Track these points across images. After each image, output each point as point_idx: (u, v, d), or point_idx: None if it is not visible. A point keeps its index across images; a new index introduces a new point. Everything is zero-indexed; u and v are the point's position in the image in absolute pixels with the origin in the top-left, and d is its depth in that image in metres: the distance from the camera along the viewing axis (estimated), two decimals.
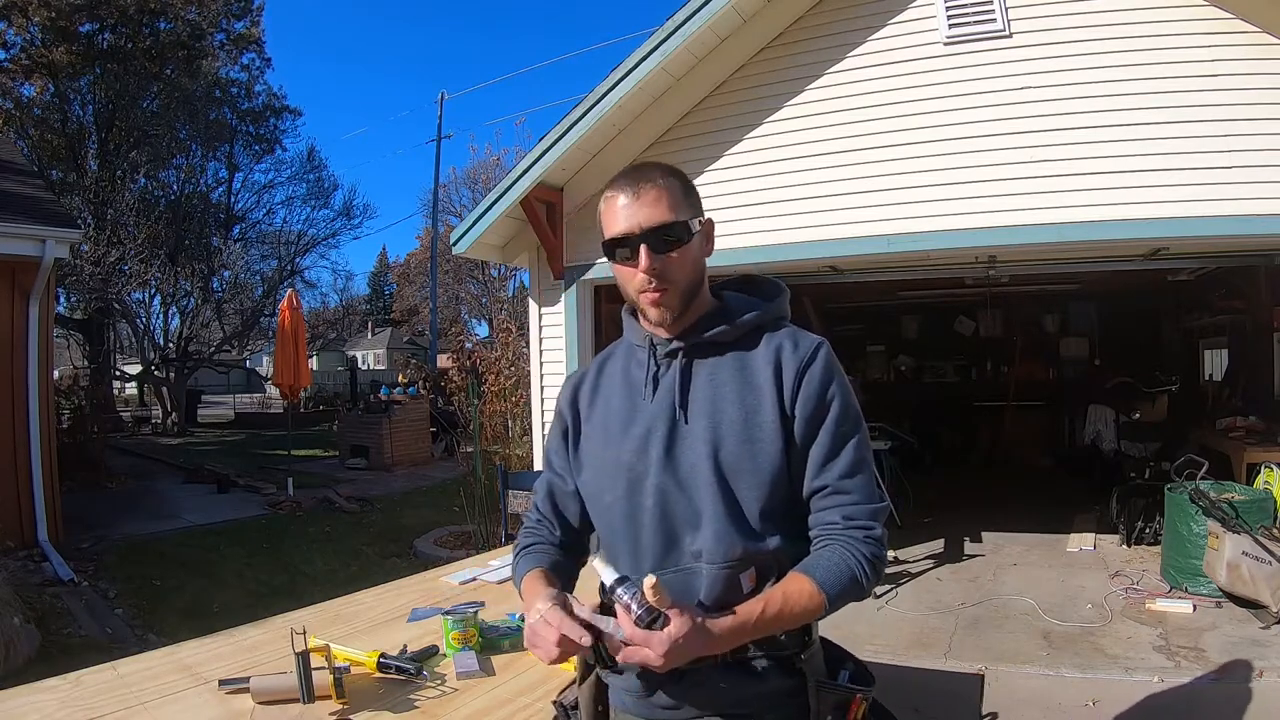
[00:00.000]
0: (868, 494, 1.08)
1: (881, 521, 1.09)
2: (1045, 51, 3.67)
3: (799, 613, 1.01)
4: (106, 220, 13.10)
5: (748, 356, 1.13)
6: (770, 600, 1.01)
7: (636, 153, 4.62)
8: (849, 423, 1.09)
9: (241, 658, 1.75)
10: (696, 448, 1.08)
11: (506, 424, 6.57)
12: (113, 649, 3.81)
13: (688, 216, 1.11)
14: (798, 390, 1.08)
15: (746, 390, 1.10)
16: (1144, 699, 3.14)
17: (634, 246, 1.08)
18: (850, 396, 1.11)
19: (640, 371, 1.17)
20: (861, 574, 1.03)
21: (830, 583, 1.02)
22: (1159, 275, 6.43)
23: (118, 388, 21.45)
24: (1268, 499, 4.25)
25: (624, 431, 1.14)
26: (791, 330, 1.16)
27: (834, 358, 1.12)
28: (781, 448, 1.07)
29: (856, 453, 1.08)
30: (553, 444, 1.29)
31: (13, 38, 14.51)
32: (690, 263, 1.12)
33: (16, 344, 5.75)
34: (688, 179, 1.17)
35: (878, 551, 1.06)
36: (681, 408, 1.11)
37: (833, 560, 1.04)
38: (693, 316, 1.14)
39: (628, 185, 1.11)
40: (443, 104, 19.93)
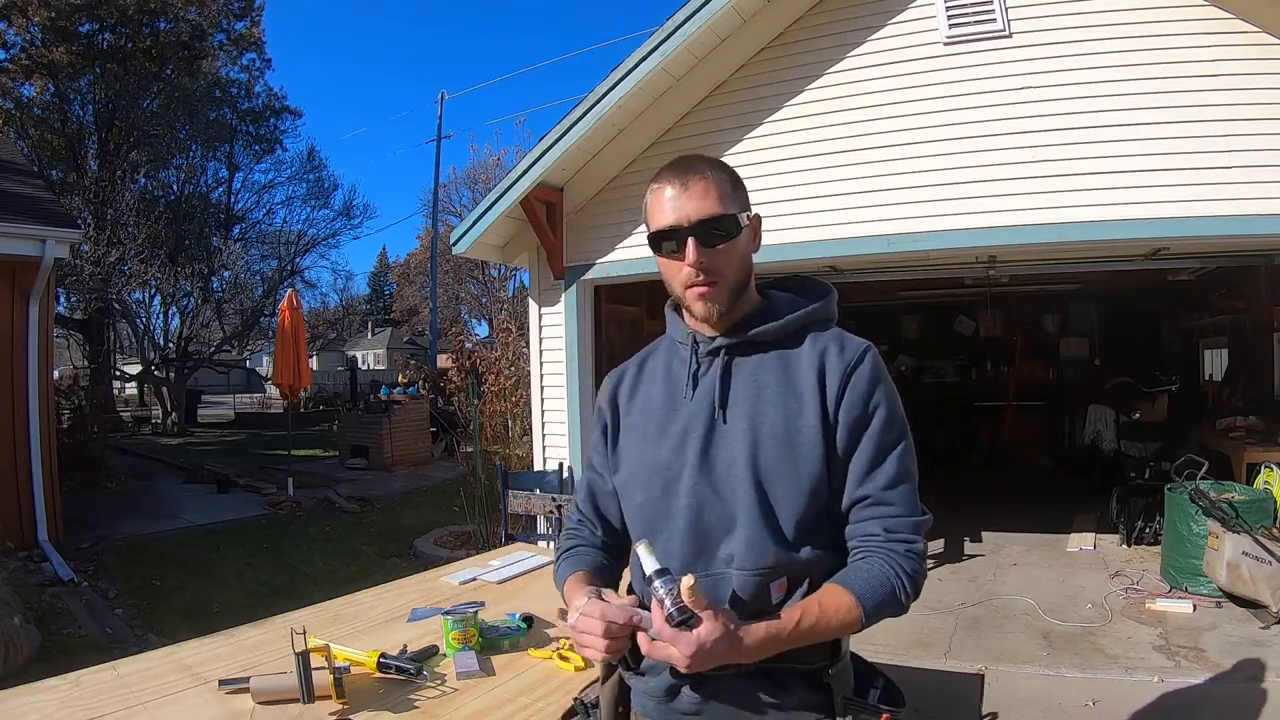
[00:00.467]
0: (911, 506, 1.05)
1: (923, 535, 1.05)
2: (1045, 51, 3.67)
3: (835, 626, 0.99)
4: (106, 220, 13.10)
5: (792, 358, 1.09)
6: (806, 611, 0.98)
7: (637, 153, 4.62)
8: (894, 431, 1.05)
9: (241, 658, 1.75)
10: (734, 449, 1.05)
11: (506, 424, 6.57)
12: (113, 649, 3.81)
13: (736, 210, 1.08)
14: (842, 396, 1.04)
15: (789, 393, 1.06)
16: (1144, 699, 3.14)
17: (681, 239, 1.06)
18: (896, 404, 1.07)
19: (681, 369, 1.14)
20: (901, 589, 1.00)
21: (869, 597, 0.99)
22: (1159, 275, 6.42)
23: (118, 388, 21.45)
24: (1268, 499, 4.25)
25: (661, 430, 1.12)
26: (838, 333, 1.12)
27: (881, 362, 1.09)
28: (822, 454, 1.03)
29: (900, 463, 1.05)
30: (593, 442, 1.26)
31: (13, 38, 14.52)
32: (738, 258, 1.09)
33: (16, 344, 5.75)
34: (736, 173, 1.14)
35: (918, 566, 1.03)
36: (721, 407, 1.08)
37: (872, 573, 1.01)
38: (738, 314, 1.12)
39: (675, 177, 1.09)
40: (443, 104, 19.94)
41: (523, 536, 4.43)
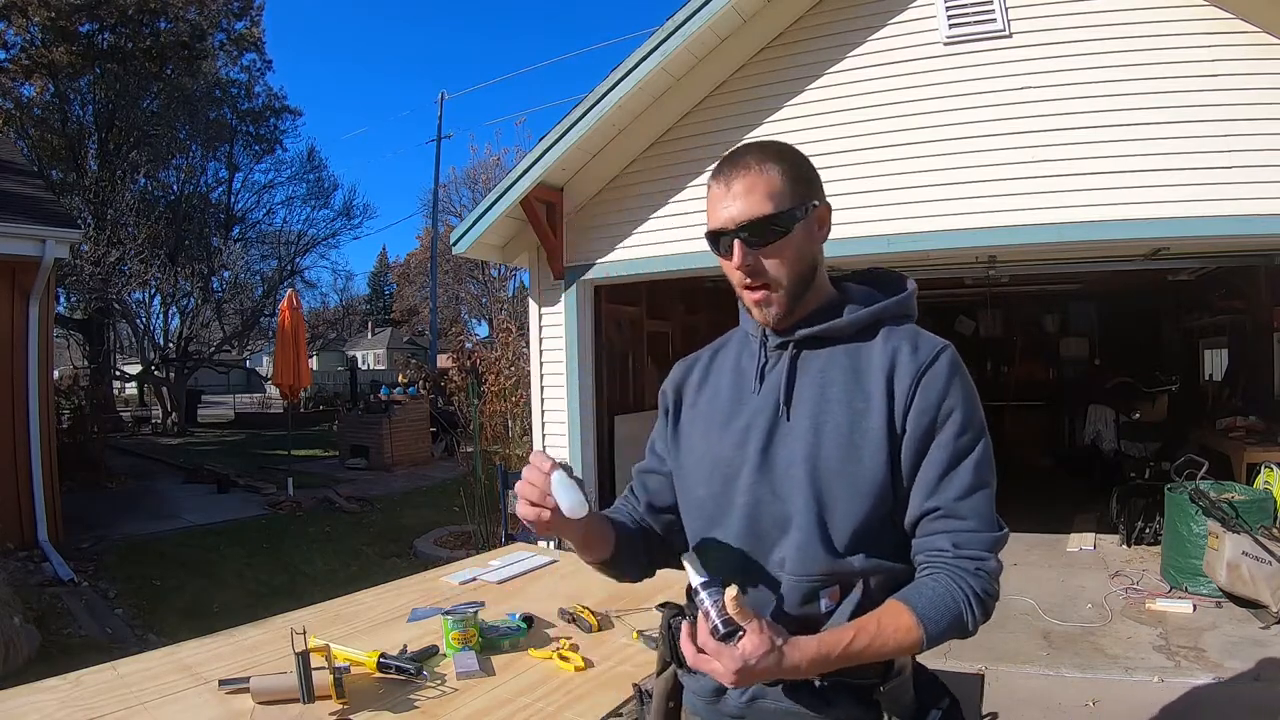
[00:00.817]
0: (984, 520, 0.97)
1: (997, 552, 0.98)
2: (1045, 51, 3.67)
3: (892, 648, 0.93)
4: (106, 220, 13.10)
5: (863, 355, 1.03)
6: (862, 630, 0.93)
7: (637, 153, 4.62)
8: (968, 438, 0.98)
9: (241, 658, 1.75)
10: (795, 449, 1.00)
11: (506, 424, 6.57)
12: (113, 649, 3.81)
13: (789, 205, 1.00)
14: (912, 399, 0.98)
15: (856, 392, 1.00)
16: (1144, 699, 3.14)
17: (727, 242, 1.02)
18: (973, 410, 0.99)
19: (750, 363, 1.10)
20: (968, 611, 0.94)
21: (932, 619, 0.93)
22: (1159, 275, 6.43)
23: (118, 388, 21.45)
24: (1268, 499, 4.25)
25: (725, 425, 1.08)
26: (913, 330, 1.05)
27: (959, 364, 1.01)
28: (885, 460, 0.97)
29: (975, 474, 0.97)
30: (655, 427, 1.23)
31: (13, 38, 14.51)
32: (793, 257, 1.02)
33: (16, 344, 5.75)
34: (795, 160, 1.04)
35: (989, 586, 0.96)
36: (785, 404, 1.03)
37: (938, 593, 0.94)
38: (807, 308, 1.06)
39: (721, 174, 1.04)
40: (443, 104, 19.93)
41: (523, 536, 4.43)
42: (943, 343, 1.02)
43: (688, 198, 4.45)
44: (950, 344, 1.03)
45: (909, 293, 1.10)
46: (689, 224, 4.43)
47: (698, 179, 4.43)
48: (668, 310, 6.55)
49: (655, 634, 1.91)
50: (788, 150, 1.06)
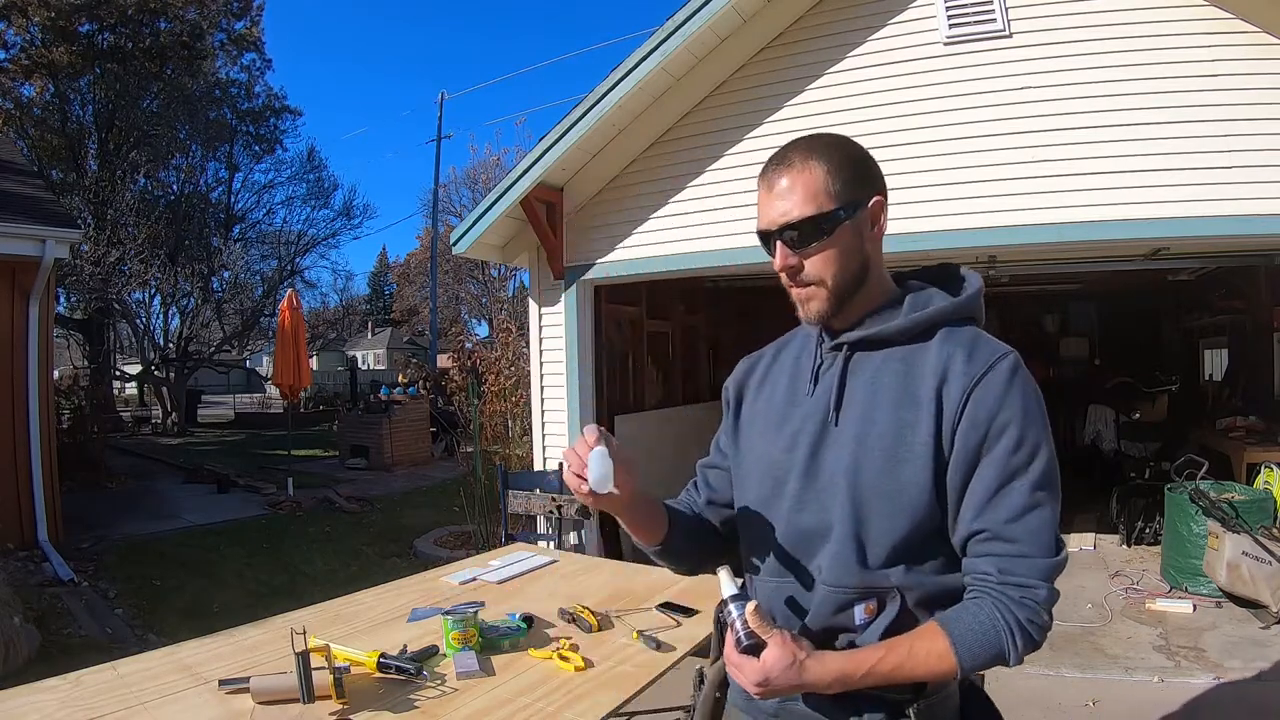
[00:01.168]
0: (1037, 544, 0.90)
1: (1051, 580, 0.91)
2: (1045, 51, 3.67)
3: (922, 673, 0.90)
4: (106, 220, 13.10)
5: (917, 361, 0.98)
6: (892, 651, 0.90)
7: (637, 153, 4.62)
8: (1022, 455, 0.91)
9: (241, 658, 1.75)
10: (840, 456, 0.97)
11: (506, 424, 6.57)
12: (113, 649, 3.81)
13: (834, 204, 0.96)
14: (962, 412, 0.92)
15: (905, 401, 0.95)
16: (1144, 699, 3.14)
17: (770, 243, 1.00)
18: (1032, 424, 0.92)
19: (808, 363, 1.07)
20: (1009, 642, 0.88)
21: (967, 648, 0.88)
22: (1159, 275, 6.43)
23: (118, 388, 21.45)
24: (1268, 499, 4.25)
25: (778, 427, 1.06)
26: (973, 335, 0.99)
27: (1021, 374, 0.94)
28: (930, 477, 0.92)
29: (1030, 494, 0.90)
30: (723, 425, 1.22)
31: (13, 38, 14.51)
32: (839, 257, 0.98)
33: (16, 344, 5.75)
34: (846, 154, 1.00)
35: (1036, 617, 0.89)
36: (835, 409, 1.00)
37: (978, 620, 0.89)
38: (859, 310, 1.02)
39: (766, 171, 1.01)
40: (443, 104, 19.94)
41: (523, 536, 4.43)
42: (1003, 349, 0.95)
43: (688, 198, 4.45)
44: (1013, 351, 0.95)
45: (971, 293, 1.04)
46: (689, 224, 4.43)
47: (698, 179, 4.43)
48: (668, 310, 6.55)
49: (655, 634, 1.91)
50: (838, 144, 1.01)
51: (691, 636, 1.95)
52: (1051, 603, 0.91)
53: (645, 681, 1.68)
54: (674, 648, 1.86)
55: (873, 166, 1.03)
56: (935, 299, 1.03)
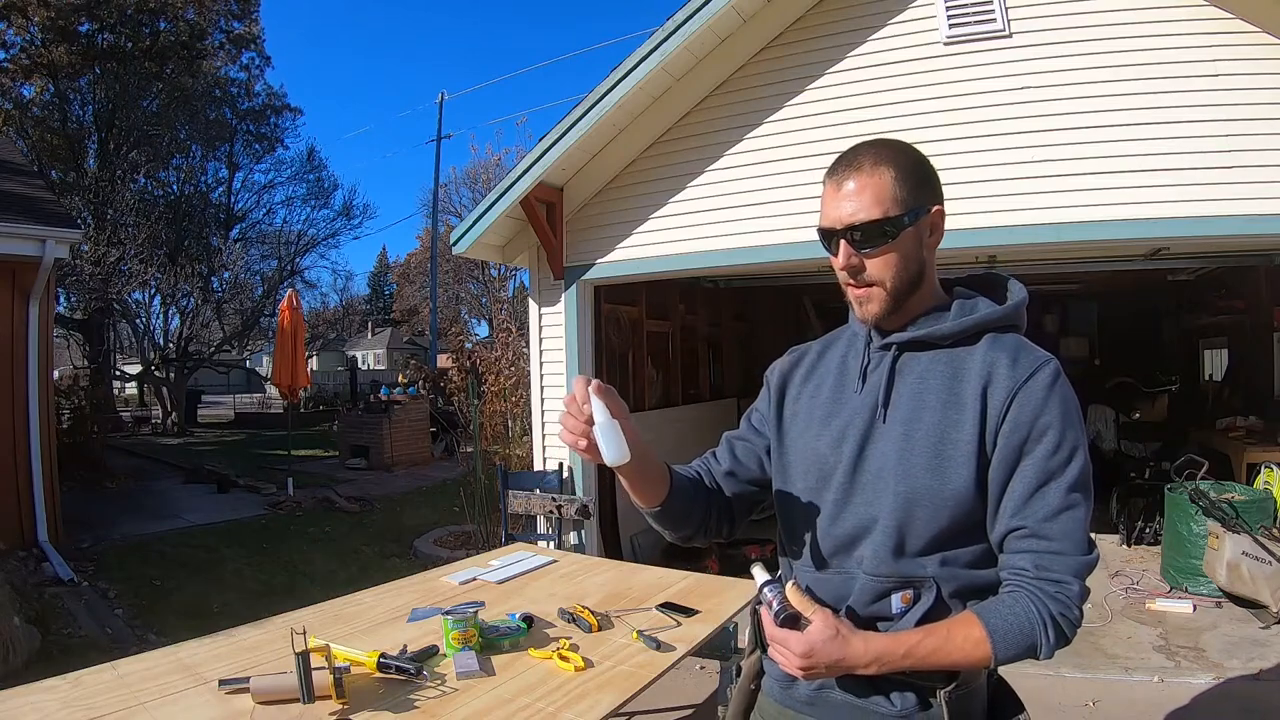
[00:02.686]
0: (1071, 543, 0.94)
1: (1083, 577, 0.95)
2: (1045, 51, 3.67)
3: (958, 658, 0.94)
4: (106, 220, 13.10)
5: (962, 363, 1.02)
6: (931, 635, 0.94)
7: (637, 153, 4.62)
8: (1061, 458, 0.95)
9: (241, 658, 1.75)
10: (887, 453, 1.01)
11: (506, 424, 6.58)
12: (113, 649, 3.81)
13: (900, 210, 1.00)
14: (1005, 414, 0.96)
15: (951, 402, 1.00)
16: (1144, 699, 3.14)
17: (834, 241, 1.03)
18: (1071, 428, 0.97)
19: (855, 362, 1.12)
20: (1042, 636, 0.92)
21: (1002, 638, 0.92)
22: (1159, 275, 6.43)
23: (118, 388, 21.45)
24: (1268, 499, 4.25)
25: (825, 422, 1.10)
26: (1017, 341, 1.03)
27: (1061, 380, 0.98)
28: (973, 473, 0.97)
29: (1066, 495, 0.95)
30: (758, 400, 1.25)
31: (12, 38, 14.51)
32: (899, 261, 1.02)
33: (16, 344, 5.75)
34: (912, 160, 1.04)
35: (1069, 612, 0.93)
36: (883, 406, 1.04)
37: (1014, 613, 0.93)
38: (912, 312, 1.07)
39: (836, 172, 1.04)
40: (443, 104, 19.91)
41: (523, 536, 4.43)
42: (1045, 356, 1.00)
43: (688, 198, 4.45)
44: (1054, 359, 1.00)
45: (1017, 302, 1.08)
46: (689, 224, 4.42)
47: (698, 179, 4.43)
48: (668, 310, 6.55)
49: (655, 634, 1.91)
50: (905, 151, 1.05)
51: (691, 636, 1.95)
52: (1083, 599, 0.95)
53: (645, 681, 1.68)
54: (674, 648, 1.86)
55: (935, 176, 1.08)
56: (981, 306, 1.07)
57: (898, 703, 1.00)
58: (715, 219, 4.33)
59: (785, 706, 1.11)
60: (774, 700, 1.14)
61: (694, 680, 3.27)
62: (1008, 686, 1.11)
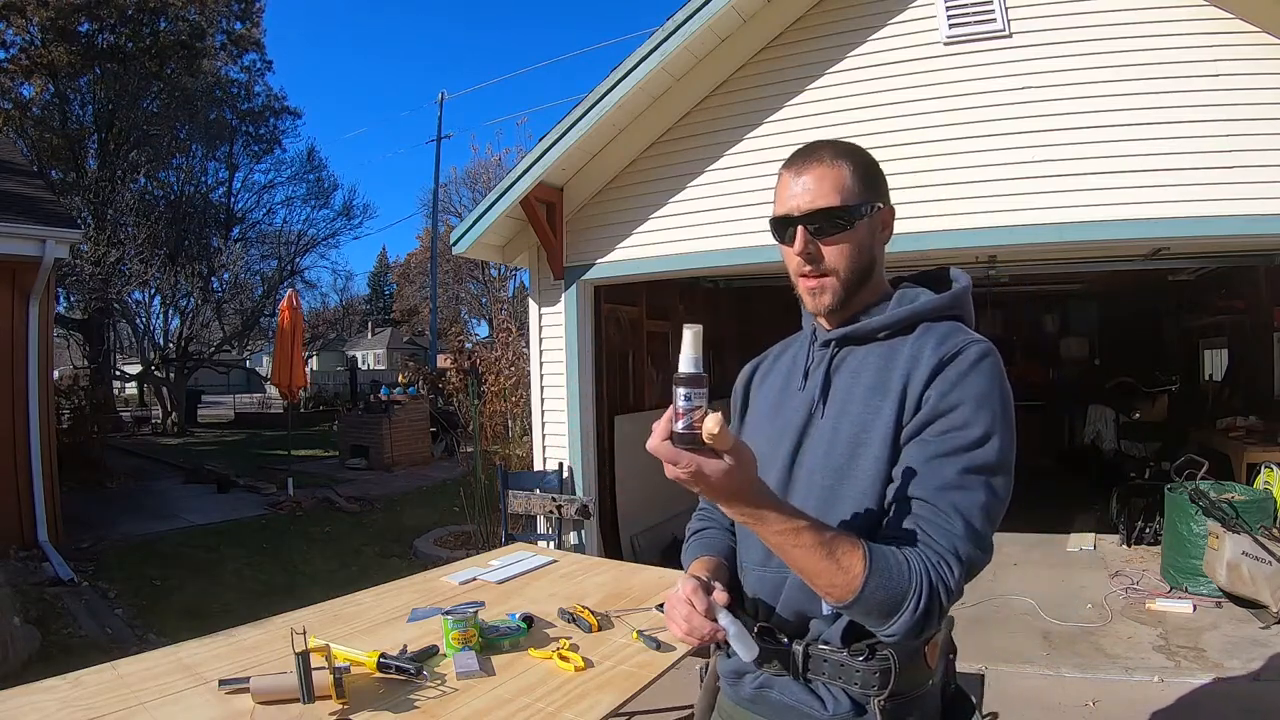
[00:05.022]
0: (961, 523, 0.88)
1: (962, 561, 0.88)
2: (1045, 51, 3.66)
3: (820, 572, 0.86)
4: (106, 220, 13.10)
5: (894, 353, 1.01)
6: (819, 530, 0.86)
7: (637, 152, 4.62)
8: (968, 435, 0.90)
9: (241, 658, 1.75)
10: (819, 448, 1.01)
11: (506, 424, 6.58)
12: (113, 649, 3.81)
13: (856, 201, 1.02)
14: (923, 394, 0.94)
15: (876, 392, 0.99)
16: (1144, 699, 3.14)
17: (793, 228, 1.03)
18: (984, 409, 0.92)
19: (802, 361, 1.12)
20: (911, 600, 0.85)
21: (877, 579, 0.85)
22: (1159, 275, 6.43)
23: (118, 388, 21.45)
24: (1268, 499, 4.25)
25: (770, 421, 1.11)
26: (950, 327, 1.01)
27: (988, 363, 0.95)
28: (885, 463, 0.95)
29: (963, 475, 0.90)
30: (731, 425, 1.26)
31: (12, 38, 14.51)
32: (853, 251, 1.03)
33: (16, 344, 5.75)
34: (866, 160, 1.07)
35: (942, 590, 0.86)
36: (821, 402, 1.04)
37: (898, 561, 0.86)
38: (856, 308, 1.07)
39: (794, 164, 1.06)
40: (443, 104, 19.92)
41: (523, 536, 4.43)
42: (974, 339, 0.98)
43: (688, 198, 4.45)
44: (984, 341, 0.97)
45: (954, 291, 1.07)
46: (689, 224, 4.42)
47: (698, 179, 4.42)
48: (668, 310, 6.55)
49: (655, 634, 1.91)
50: (860, 151, 1.08)
51: None
52: (960, 586, 0.88)
53: (645, 681, 1.68)
54: (674, 648, 1.86)
55: (884, 179, 1.09)
56: (921, 297, 1.07)
57: (830, 707, 0.99)
58: (715, 219, 4.32)
59: (735, 704, 1.12)
60: (726, 697, 1.15)
61: (694, 680, 3.27)
62: (968, 700, 1.09)
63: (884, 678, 0.95)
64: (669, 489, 1.29)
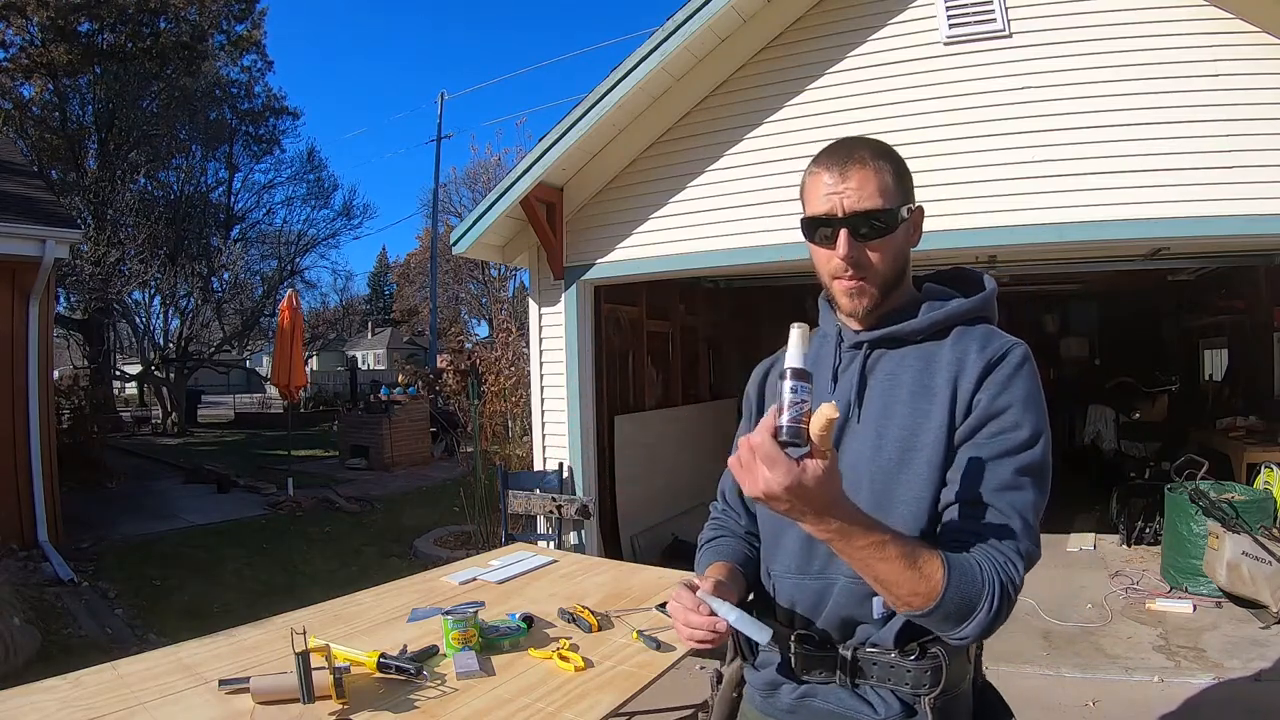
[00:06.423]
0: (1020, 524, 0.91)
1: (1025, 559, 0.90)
2: (1045, 51, 3.66)
3: (901, 582, 0.85)
4: (106, 220, 13.09)
5: (933, 357, 1.01)
6: (902, 542, 0.86)
7: (637, 153, 4.62)
8: (1019, 436, 0.93)
9: (241, 658, 1.75)
10: (860, 453, 1.00)
11: (506, 424, 6.58)
12: (113, 649, 3.81)
13: (896, 204, 1.01)
14: (973, 398, 0.95)
15: (921, 395, 0.99)
16: (1144, 699, 3.14)
17: (834, 229, 1.01)
18: (1031, 411, 0.94)
19: (828, 362, 1.10)
20: (986, 601, 0.86)
21: (955, 586, 0.85)
22: (1159, 275, 6.43)
23: (118, 388, 21.45)
24: (1268, 499, 4.25)
25: None
26: (987, 330, 1.03)
27: (1029, 365, 0.97)
28: (941, 464, 0.95)
29: (1017, 474, 0.92)
30: (741, 430, 1.21)
31: (12, 37, 14.51)
32: (892, 253, 1.02)
33: (16, 344, 5.75)
34: (901, 161, 1.06)
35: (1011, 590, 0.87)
36: (857, 406, 1.03)
37: (971, 564, 0.87)
38: (886, 309, 1.05)
39: (835, 162, 1.03)
40: (443, 104, 19.92)
41: (523, 536, 4.43)
42: (1014, 340, 1.00)
43: (688, 198, 4.45)
44: (1022, 343, 0.99)
45: (986, 293, 1.08)
46: (689, 224, 4.42)
47: (698, 179, 4.42)
48: (668, 310, 6.55)
49: (655, 634, 1.91)
50: (894, 151, 1.07)
51: None
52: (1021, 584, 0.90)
53: (645, 681, 1.68)
54: (674, 648, 1.86)
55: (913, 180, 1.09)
56: (949, 300, 1.07)
57: (881, 710, 0.98)
58: (715, 219, 4.33)
59: (767, 715, 1.09)
60: (756, 709, 1.12)
61: (694, 680, 3.27)
62: (995, 692, 1.10)
63: (935, 676, 0.96)
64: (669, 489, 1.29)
